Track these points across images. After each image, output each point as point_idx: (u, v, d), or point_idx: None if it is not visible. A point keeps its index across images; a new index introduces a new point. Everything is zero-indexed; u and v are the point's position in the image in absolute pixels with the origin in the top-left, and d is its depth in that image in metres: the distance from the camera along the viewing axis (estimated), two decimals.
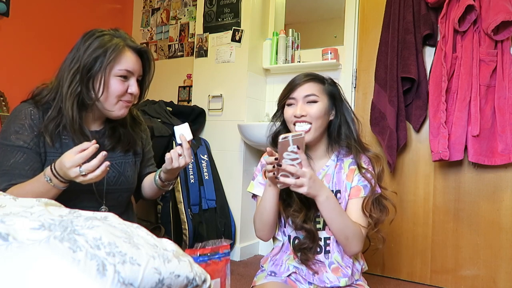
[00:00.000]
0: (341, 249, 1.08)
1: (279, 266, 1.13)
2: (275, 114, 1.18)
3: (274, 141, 1.15)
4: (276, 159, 0.94)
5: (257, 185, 1.16)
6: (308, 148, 1.11)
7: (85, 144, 0.92)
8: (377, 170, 1.09)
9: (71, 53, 1.05)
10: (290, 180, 0.93)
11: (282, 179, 0.94)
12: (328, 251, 1.08)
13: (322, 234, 1.09)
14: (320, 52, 2.31)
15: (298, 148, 0.92)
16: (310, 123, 1.05)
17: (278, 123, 1.18)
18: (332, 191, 1.08)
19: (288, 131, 1.12)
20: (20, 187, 0.96)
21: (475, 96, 1.79)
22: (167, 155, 1.06)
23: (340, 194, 1.08)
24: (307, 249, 1.06)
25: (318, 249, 1.09)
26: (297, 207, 1.06)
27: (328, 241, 1.09)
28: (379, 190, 1.08)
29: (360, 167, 1.08)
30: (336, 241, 1.07)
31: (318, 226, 1.09)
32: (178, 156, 1.06)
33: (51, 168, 0.93)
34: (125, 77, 1.06)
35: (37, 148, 1.02)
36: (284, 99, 1.11)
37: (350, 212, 1.07)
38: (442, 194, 2.00)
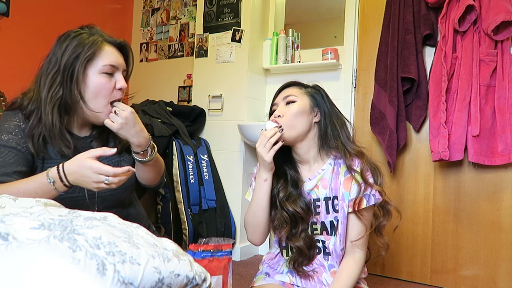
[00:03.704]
0: (341, 254, 1.07)
1: (274, 270, 1.13)
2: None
3: None
4: (277, 126, 1.03)
5: None
6: (298, 151, 1.10)
7: (107, 150, 0.91)
8: (367, 170, 1.07)
9: (47, 58, 1.02)
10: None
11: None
12: (329, 253, 1.07)
13: (320, 238, 1.08)
14: (320, 52, 2.30)
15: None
16: (280, 125, 1.05)
17: None
18: (329, 197, 1.07)
19: None
20: (10, 186, 0.91)
21: (475, 96, 1.79)
22: (106, 122, 1.02)
23: (337, 201, 1.07)
24: (297, 263, 1.06)
25: (317, 250, 1.09)
26: (280, 222, 1.06)
27: (326, 244, 1.08)
28: (380, 197, 1.06)
29: (351, 170, 1.06)
30: (335, 246, 1.06)
31: (315, 232, 1.08)
32: (115, 114, 1.02)
33: (57, 170, 0.90)
34: (110, 74, 1.03)
35: (28, 155, 0.98)
36: (271, 107, 1.16)
37: (351, 227, 1.06)
38: (442, 194, 2.00)
